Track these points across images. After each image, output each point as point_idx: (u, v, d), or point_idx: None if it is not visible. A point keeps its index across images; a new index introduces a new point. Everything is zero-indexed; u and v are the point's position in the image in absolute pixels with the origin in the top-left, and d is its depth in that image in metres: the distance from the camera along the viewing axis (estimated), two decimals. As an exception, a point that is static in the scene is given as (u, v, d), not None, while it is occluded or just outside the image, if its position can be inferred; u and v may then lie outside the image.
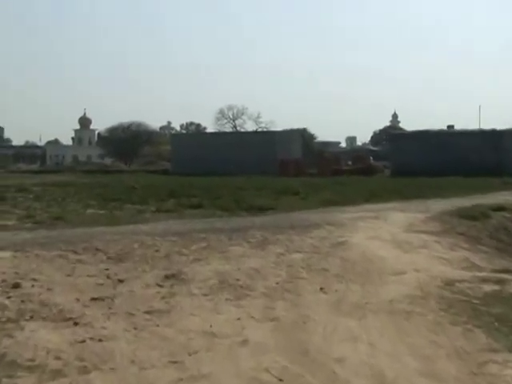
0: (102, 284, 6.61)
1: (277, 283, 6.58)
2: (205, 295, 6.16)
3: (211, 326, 5.15)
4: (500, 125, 53.98)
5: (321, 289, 6.35)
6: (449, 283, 6.27)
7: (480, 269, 7.08)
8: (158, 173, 42.70)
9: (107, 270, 7.21)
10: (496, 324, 4.97)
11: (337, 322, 5.17)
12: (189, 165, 42.54)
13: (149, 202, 16.03)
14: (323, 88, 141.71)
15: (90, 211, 13.57)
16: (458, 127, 51.39)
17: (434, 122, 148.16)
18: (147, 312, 5.56)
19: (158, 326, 5.19)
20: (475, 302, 5.59)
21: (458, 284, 6.23)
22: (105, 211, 13.48)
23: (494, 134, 37.55)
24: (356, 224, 10.82)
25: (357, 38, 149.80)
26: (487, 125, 75.58)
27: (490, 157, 35.20)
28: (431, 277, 6.56)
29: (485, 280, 6.39)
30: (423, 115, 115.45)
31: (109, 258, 7.88)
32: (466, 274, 6.69)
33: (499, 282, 6.31)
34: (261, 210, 14.40)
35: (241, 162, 40.73)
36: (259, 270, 7.15)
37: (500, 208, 12.69)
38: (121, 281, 6.71)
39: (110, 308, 5.69)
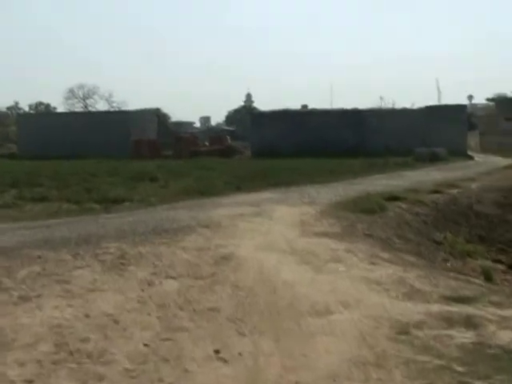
0: None
1: (146, 345, 4.17)
2: (28, 382, 3.61)
3: None
4: (348, 104, 54.90)
5: (216, 352, 4.05)
6: (402, 331, 4.25)
7: (426, 296, 5.17)
8: (4, 157, 38.97)
9: None
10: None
11: None
12: (37, 147, 39.28)
13: (-17, 194, 13.60)
14: (174, 67, 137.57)
15: None
16: (311, 106, 51.52)
17: (287, 101, 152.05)
18: None
19: None
20: (459, 369, 3.61)
21: (415, 331, 4.23)
22: None
23: (355, 113, 37.15)
24: (237, 225, 8.68)
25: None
26: (338, 104, 77.82)
27: (351, 136, 34.84)
28: (372, 318, 4.52)
29: (448, 321, 4.45)
30: (276, 95, 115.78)
31: None
32: (416, 310, 4.73)
33: (468, 322, 4.41)
34: (115, 202, 12.72)
35: (93, 143, 37.75)
36: (118, 317, 4.69)
37: (393, 197, 11.27)
38: None
39: None
